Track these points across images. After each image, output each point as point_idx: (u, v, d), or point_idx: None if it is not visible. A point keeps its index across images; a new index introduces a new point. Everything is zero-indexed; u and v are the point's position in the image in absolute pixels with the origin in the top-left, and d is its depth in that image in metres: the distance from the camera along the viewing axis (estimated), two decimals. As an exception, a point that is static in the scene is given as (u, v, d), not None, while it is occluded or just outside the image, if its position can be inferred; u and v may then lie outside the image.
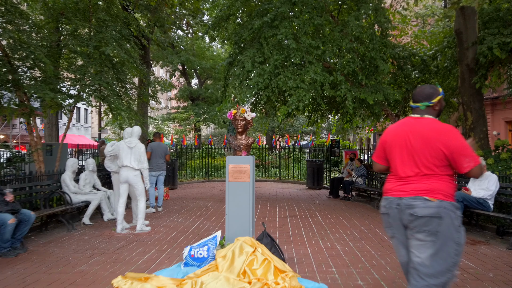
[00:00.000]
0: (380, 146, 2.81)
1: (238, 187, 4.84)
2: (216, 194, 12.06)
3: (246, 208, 4.81)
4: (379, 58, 8.55)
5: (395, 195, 2.59)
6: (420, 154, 2.51)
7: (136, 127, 6.73)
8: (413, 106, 2.66)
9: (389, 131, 2.76)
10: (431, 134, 2.50)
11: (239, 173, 4.84)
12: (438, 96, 2.62)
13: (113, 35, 9.68)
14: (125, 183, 6.59)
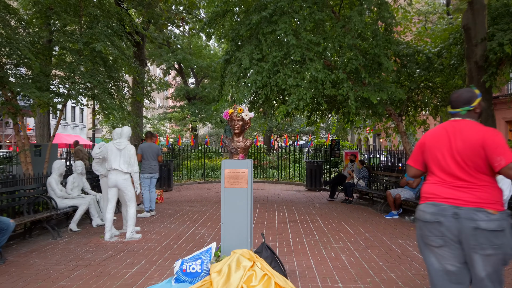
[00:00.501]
0: (418, 150, 2.70)
1: (235, 194, 4.42)
2: (212, 196, 11.64)
3: (244, 217, 4.39)
4: (383, 55, 8.15)
5: (449, 202, 2.43)
6: (467, 159, 2.43)
7: (125, 128, 6.30)
8: (453, 112, 2.62)
9: (430, 134, 2.65)
10: (474, 136, 2.42)
11: (236, 178, 4.42)
12: (477, 98, 2.59)
13: (104, 31, 9.24)
14: (114, 188, 6.16)
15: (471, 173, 2.42)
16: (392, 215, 8.23)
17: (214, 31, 13.52)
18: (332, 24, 8.83)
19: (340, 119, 11.79)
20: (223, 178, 4.46)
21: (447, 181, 2.49)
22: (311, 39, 8.14)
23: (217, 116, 30.03)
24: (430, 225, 2.48)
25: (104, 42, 9.07)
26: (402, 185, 8.46)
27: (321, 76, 7.86)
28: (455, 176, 2.46)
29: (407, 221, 7.89)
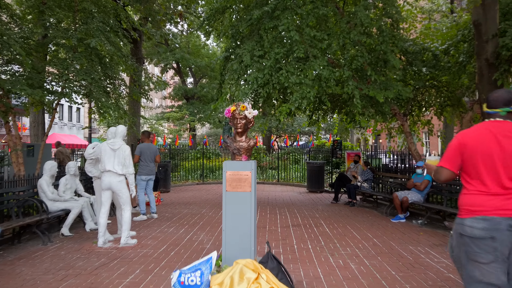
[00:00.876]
0: (457, 151, 2.45)
1: (237, 198, 4.08)
2: (211, 198, 11.29)
3: (247, 223, 4.06)
4: (390, 51, 7.82)
5: (502, 214, 2.18)
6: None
7: (120, 127, 5.95)
8: (491, 112, 2.44)
9: (471, 135, 2.38)
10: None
11: (238, 181, 4.08)
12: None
13: (100, 27, 8.89)
14: (107, 190, 5.81)
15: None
16: (398, 219, 7.91)
17: (212, 29, 13.19)
18: (336, 20, 8.51)
19: (343, 119, 11.44)
20: (225, 180, 4.12)
21: (496, 190, 2.22)
22: (315, 35, 7.81)
23: (215, 116, 29.73)
24: (481, 241, 2.22)
25: (99, 38, 8.72)
26: (409, 187, 8.14)
27: (325, 74, 7.53)
28: (506, 183, 2.19)
29: (415, 225, 7.57)
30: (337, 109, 11.40)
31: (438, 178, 2.55)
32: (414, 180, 8.11)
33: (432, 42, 9.49)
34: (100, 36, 8.82)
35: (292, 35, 7.63)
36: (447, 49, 9.12)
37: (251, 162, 4.13)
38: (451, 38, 9.23)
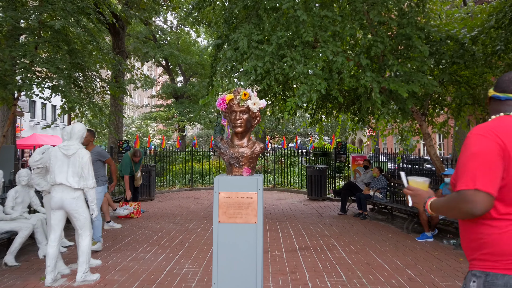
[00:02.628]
0: (497, 162, 1.51)
1: (237, 234, 2.68)
2: (200, 208, 9.85)
3: (251, 273, 2.64)
4: (415, 36, 6.49)
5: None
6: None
7: (77, 126, 4.47)
8: (502, 98, 1.68)
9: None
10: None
11: (238, 207, 2.68)
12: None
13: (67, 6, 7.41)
14: (59, 211, 4.35)
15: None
16: (425, 238, 6.57)
17: (202, 17, 11.78)
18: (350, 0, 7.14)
19: (351, 119, 10.08)
20: (217, 206, 2.71)
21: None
22: (327, 14, 6.43)
23: (206, 116, 28.23)
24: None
25: (66, 20, 7.25)
26: (437, 199, 6.80)
27: (340, 61, 6.15)
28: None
29: (446, 245, 6.24)
30: (343, 107, 10.04)
31: (469, 210, 1.49)
32: (443, 192, 6.78)
33: (456, 29, 8.17)
34: (68, 17, 7.35)
35: (299, 14, 6.24)
36: (475, 37, 7.81)
37: (257, 177, 2.73)
38: (481, 24, 7.93)
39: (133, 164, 8.67)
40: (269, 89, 7.44)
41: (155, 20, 29.06)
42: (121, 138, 13.35)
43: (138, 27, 24.32)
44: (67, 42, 7.93)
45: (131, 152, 8.76)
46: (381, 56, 7.12)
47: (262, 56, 6.42)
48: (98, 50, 8.60)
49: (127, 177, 8.44)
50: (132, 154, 8.73)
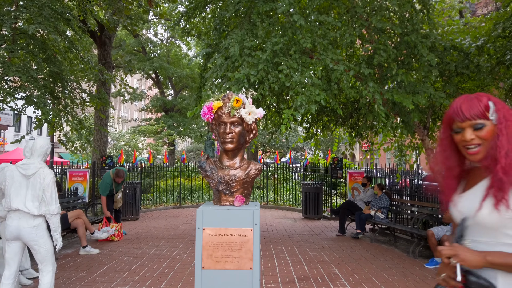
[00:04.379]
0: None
1: (226, 285, 2.03)
2: (187, 230, 9.13)
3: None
4: (421, 43, 5.99)
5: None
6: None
7: (39, 141, 3.81)
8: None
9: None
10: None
11: (228, 249, 2.06)
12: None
13: (43, 11, 6.81)
14: (15, 242, 3.65)
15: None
16: (435, 264, 5.96)
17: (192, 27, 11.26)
18: (349, 6, 6.65)
19: (351, 132, 9.54)
20: (200, 247, 2.08)
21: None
22: (325, 19, 5.91)
23: (196, 130, 27.57)
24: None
25: (42, 25, 6.65)
26: (447, 221, 6.23)
27: (341, 69, 5.61)
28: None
29: (459, 273, 5.62)
30: (340, 120, 9.51)
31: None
32: (453, 212, 6.21)
33: (464, 37, 7.74)
34: (44, 23, 6.75)
35: (296, 19, 5.71)
36: (481, 47, 7.38)
37: (252, 208, 2.11)
38: (487, 33, 7.51)
39: (114, 185, 7.99)
40: (262, 100, 6.87)
41: (145, 33, 28.65)
42: (105, 153, 12.64)
43: (128, 39, 23.81)
44: (44, 49, 7.32)
45: (114, 172, 8.06)
46: (383, 66, 6.63)
47: (255, 64, 5.86)
48: (78, 58, 7.99)
49: (104, 198, 7.79)
50: (114, 174, 8.04)
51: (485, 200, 1.43)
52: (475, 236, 1.48)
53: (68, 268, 5.73)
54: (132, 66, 22.68)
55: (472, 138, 1.44)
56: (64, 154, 31.82)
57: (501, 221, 1.40)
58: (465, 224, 1.53)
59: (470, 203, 1.49)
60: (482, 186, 1.49)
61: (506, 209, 1.38)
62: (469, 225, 1.50)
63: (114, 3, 7.88)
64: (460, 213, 1.53)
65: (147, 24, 20.12)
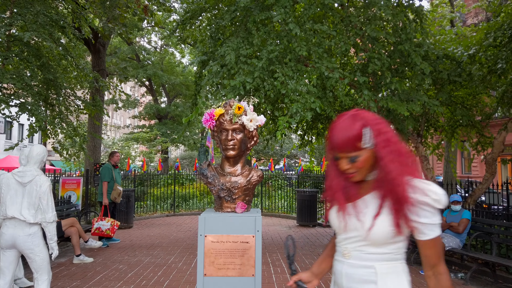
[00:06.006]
0: None
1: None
2: (182, 238, 9.07)
3: None
4: (414, 52, 6.09)
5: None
6: None
7: (36, 148, 3.79)
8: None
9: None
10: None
11: (230, 256, 2.05)
12: None
13: (38, 18, 6.80)
14: (10, 250, 3.61)
15: None
16: (431, 270, 5.98)
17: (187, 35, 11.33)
18: (344, 16, 6.74)
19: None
20: (202, 254, 2.08)
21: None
22: (320, 28, 5.98)
23: (190, 137, 27.52)
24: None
25: (37, 33, 6.64)
26: (441, 228, 6.26)
27: (336, 77, 5.67)
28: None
29: (455, 279, 5.67)
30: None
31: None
32: (447, 219, 6.27)
33: (456, 47, 7.87)
34: (39, 30, 6.73)
35: (292, 27, 5.77)
36: (472, 55, 7.50)
37: (254, 215, 2.12)
38: (478, 42, 7.64)
39: (114, 171, 8.13)
40: (257, 108, 6.90)
41: (139, 40, 28.68)
42: (98, 161, 12.56)
43: (122, 46, 23.80)
44: (39, 56, 7.29)
45: (109, 155, 8.57)
46: (377, 74, 6.71)
47: (251, 72, 5.90)
48: (72, 65, 7.97)
49: (105, 184, 7.99)
50: (110, 156, 8.48)
51: (377, 217, 1.43)
52: (362, 249, 1.49)
53: (62, 277, 5.67)
54: (127, 73, 22.65)
55: (348, 168, 1.46)
56: (56, 162, 31.49)
57: (392, 237, 1.43)
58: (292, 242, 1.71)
59: (361, 218, 1.47)
60: (370, 200, 1.49)
61: (404, 227, 1.40)
62: (353, 238, 1.51)
63: (109, 11, 7.90)
64: (347, 227, 1.52)
65: (141, 32, 20.14)
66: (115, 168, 8.34)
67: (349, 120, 1.44)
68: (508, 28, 6.96)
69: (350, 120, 1.44)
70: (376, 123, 1.44)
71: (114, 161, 8.38)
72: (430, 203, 1.39)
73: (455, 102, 8.54)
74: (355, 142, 1.40)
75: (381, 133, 1.43)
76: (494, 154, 7.64)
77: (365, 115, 1.46)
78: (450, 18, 12.92)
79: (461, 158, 24.89)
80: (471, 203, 7.63)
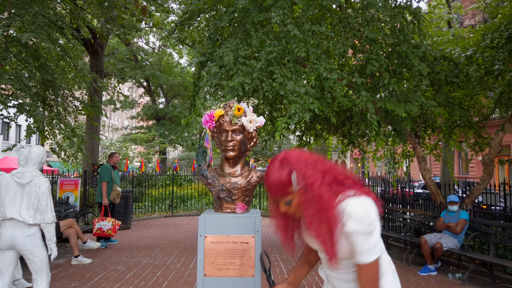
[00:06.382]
0: None
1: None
2: (180, 238, 9.07)
3: None
4: (412, 54, 6.12)
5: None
6: None
7: (35, 149, 3.79)
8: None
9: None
10: None
11: (230, 256, 2.07)
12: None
13: (36, 19, 6.80)
14: (9, 251, 3.61)
15: None
16: (428, 271, 6.01)
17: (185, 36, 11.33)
18: (342, 17, 6.77)
19: (344, 141, 9.63)
20: (202, 254, 2.09)
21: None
22: (319, 29, 6.01)
23: (188, 138, 27.51)
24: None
25: (35, 34, 6.63)
26: (439, 229, 6.30)
27: (335, 78, 5.69)
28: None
29: (452, 280, 5.70)
30: (333, 129, 9.59)
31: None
32: (445, 220, 6.29)
33: (453, 48, 7.91)
34: (38, 30, 6.73)
35: (290, 29, 5.79)
36: (470, 57, 7.54)
37: (254, 215, 2.13)
38: (475, 43, 7.68)
39: (113, 172, 8.19)
40: (256, 109, 6.92)
41: (137, 41, 28.64)
42: (96, 162, 12.54)
43: (120, 47, 23.77)
44: (37, 57, 7.29)
45: (108, 155, 8.62)
46: (375, 75, 6.73)
47: (250, 73, 5.92)
48: (70, 66, 7.97)
49: (105, 184, 7.98)
50: (109, 156, 8.51)
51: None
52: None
53: (61, 278, 5.66)
54: (125, 73, 22.63)
55: (285, 211, 1.56)
56: (53, 163, 31.40)
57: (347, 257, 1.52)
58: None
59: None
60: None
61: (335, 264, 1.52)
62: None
63: (108, 11, 7.90)
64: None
65: (139, 33, 20.13)
66: (114, 169, 8.35)
67: (278, 167, 1.51)
68: (505, 29, 7.00)
69: (279, 168, 1.51)
70: (301, 167, 1.50)
71: (113, 161, 8.38)
72: (351, 231, 1.45)
73: (453, 103, 8.58)
74: (286, 188, 1.49)
75: (304, 178, 1.48)
76: (491, 154, 7.68)
77: (292, 160, 1.52)
78: (447, 19, 12.98)
79: (459, 159, 24.98)
80: (469, 203, 7.65)
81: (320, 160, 1.56)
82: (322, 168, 1.52)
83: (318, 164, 1.53)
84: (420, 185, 17.08)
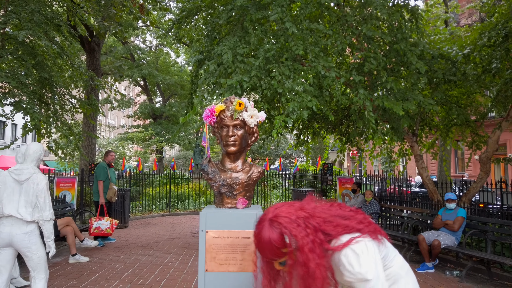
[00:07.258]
0: None
1: (229, 287, 2.03)
2: (178, 237, 9.06)
3: None
4: (410, 52, 6.13)
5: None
6: None
7: (32, 146, 3.77)
8: None
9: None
10: None
11: (231, 251, 2.06)
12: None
13: (33, 16, 6.76)
14: (7, 249, 3.59)
15: None
16: (426, 268, 6.03)
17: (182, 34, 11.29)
18: (340, 15, 6.77)
19: (342, 139, 9.64)
20: (203, 249, 2.08)
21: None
22: (317, 27, 6.01)
23: (185, 137, 27.45)
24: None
25: (32, 31, 6.59)
26: (437, 226, 6.32)
27: (333, 76, 5.69)
28: None
29: (450, 277, 5.72)
30: (331, 127, 9.60)
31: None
32: (442, 218, 6.31)
33: (451, 46, 7.93)
34: (35, 28, 6.69)
35: (288, 26, 5.79)
36: (467, 55, 7.56)
37: (255, 210, 2.13)
38: (473, 42, 7.70)
39: (108, 170, 8.14)
40: (255, 106, 6.89)
41: (134, 40, 28.55)
42: (93, 161, 12.50)
43: (116, 45, 23.69)
44: (34, 55, 7.24)
45: (104, 154, 8.59)
46: (373, 73, 6.74)
47: (248, 71, 5.91)
48: (67, 64, 7.93)
49: (101, 183, 7.94)
50: (105, 155, 8.48)
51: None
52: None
53: (58, 276, 5.63)
54: (123, 71, 22.55)
55: (281, 269, 1.58)
56: (50, 162, 31.25)
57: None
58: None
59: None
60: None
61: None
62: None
63: (105, 9, 7.86)
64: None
65: (136, 31, 20.06)
66: (109, 167, 8.31)
67: (269, 229, 1.49)
68: (502, 28, 7.02)
69: (269, 229, 1.48)
70: (292, 228, 1.48)
71: (109, 160, 8.35)
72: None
73: (450, 101, 8.61)
74: (279, 251, 1.48)
75: (296, 240, 1.48)
76: (488, 153, 7.71)
77: (281, 220, 1.50)
78: (444, 18, 13.02)
79: (455, 158, 25.07)
80: (466, 201, 7.68)
81: (312, 213, 1.54)
82: (315, 223, 1.51)
83: (311, 220, 1.51)
84: (417, 183, 17.11)
